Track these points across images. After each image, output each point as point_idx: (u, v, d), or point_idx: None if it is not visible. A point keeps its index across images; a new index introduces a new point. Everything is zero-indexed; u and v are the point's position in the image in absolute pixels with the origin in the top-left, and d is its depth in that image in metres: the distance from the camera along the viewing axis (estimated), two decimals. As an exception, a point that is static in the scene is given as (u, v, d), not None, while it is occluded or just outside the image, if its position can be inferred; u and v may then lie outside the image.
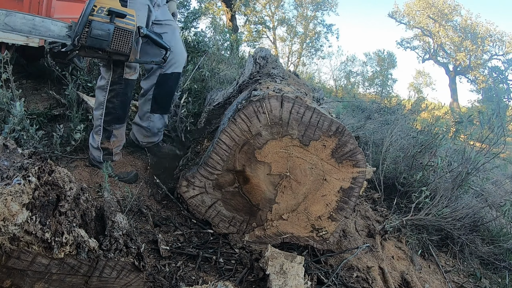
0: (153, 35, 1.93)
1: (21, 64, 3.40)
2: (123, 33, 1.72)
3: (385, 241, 2.28)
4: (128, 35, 1.73)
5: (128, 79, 2.01)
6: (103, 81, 2.00)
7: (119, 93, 2.01)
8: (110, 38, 1.68)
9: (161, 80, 2.31)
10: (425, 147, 3.20)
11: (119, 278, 1.09)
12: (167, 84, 2.34)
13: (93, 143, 2.09)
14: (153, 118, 2.39)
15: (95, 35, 1.66)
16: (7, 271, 0.90)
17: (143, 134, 2.42)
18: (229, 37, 7.21)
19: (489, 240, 2.72)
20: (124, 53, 1.75)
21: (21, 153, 1.06)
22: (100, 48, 1.70)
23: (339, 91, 12.67)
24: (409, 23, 22.87)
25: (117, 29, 1.70)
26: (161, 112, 2.41)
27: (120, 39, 1.72)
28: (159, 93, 2.36)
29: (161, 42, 1.97)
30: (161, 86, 2.34)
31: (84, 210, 1.16)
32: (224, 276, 1.57)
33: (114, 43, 1.70)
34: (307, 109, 1.62)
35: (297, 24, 19.51)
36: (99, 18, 1.66)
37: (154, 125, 2.41)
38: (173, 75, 2.35)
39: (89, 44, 1.66)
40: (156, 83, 2.31)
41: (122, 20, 1.72)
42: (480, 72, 21.28)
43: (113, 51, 1.72)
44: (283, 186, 1.72)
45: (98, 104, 2.04)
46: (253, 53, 2.89)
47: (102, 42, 1.67)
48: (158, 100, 2.36)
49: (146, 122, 2.39)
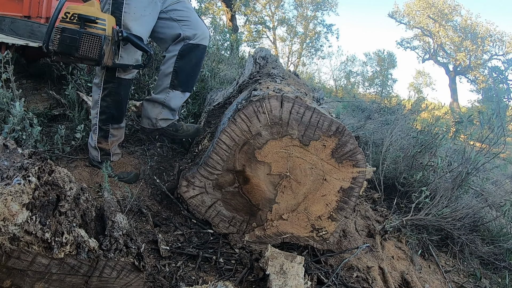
0: (134, 38, 1.90)
1: (21, 64, 3.40)
2: (91, 39, 1.72)
3: (385, 241, 2.28)
4: (96, 40, 1.73)
5: (122, 78, 1.99)
6: (98, 79, 2.00)
7: (111, 92, 1.99)
8: (78, 44, 1.70)
9: (185, 51, 2.10)
10: (425, 147, 3.20)
11: (119, 278, 1.09)
12: (192, 56, 2.13)
13: (91, 142, 2.09)
14: (172, 94, 2.16)
15: (64, 41, 1.69)
16: (7, 271, 0.90)
17: (158, 110, 2.19)
18: (229, 37, 7.22)
19: (489, 240, 2.72)
20: (92, 58, 1.75)
21: (21, 153, 1.06)
22: (69, 54, 1.72)
23: (339, 91, 12.68)
24: (409, 23, 22.88)
25: (85, 35, 1.71)
26: (183, 89, 2.18)
27: (88, 44, 1.73)
28: (182, 67, 2.12)
29: (141, 45, 1.93)
30: (184, 58, 2.11)
31: (84, 210, 1.16)
32: (224, 276, 1.57)
33: (82, 48, 1.72)
34: (307, 109, 1.62)
35: (297, 24, 19.53)
36: (70, 25, 1.70)
37: (172, 99, 2.17)
38: (200, 48, 2.15)
39: (59, 50, 1.70)
40: (178, 54, 2.10)
41: (92, 25, 1.73)
42: (480, 72, 21.29)
43: (82, 56, 1.74)
44: (283, 186, 1.72)
45: (94, 103, 2.04)
46: (253, 53, 2.89)
47: (70, 48, 1.69)
48: (180, 75, 2.13)
49: (163, 95, 2.16)
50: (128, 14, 1.88)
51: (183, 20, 2.11)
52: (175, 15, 2.09)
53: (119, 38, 1.84)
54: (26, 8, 2.79)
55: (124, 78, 2.01)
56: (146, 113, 2.23)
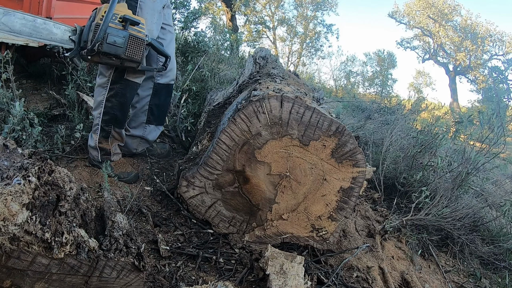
0: (156, 44, 1.95)
1: (21, 64, 3.40)
2: (136, 41, 1.75)
3: (385, 241, 2.28)
4: (140, 42, 1.77)
5: (129, 80, 2.00)
6: (103, 79, 1.99)
7: (118, 93, 1.99)
8: (125, 45, 1.71)
9: (158, 90, 2.29)
10: (425, 147, 3.20)
11: (119, 278, 1.09)
12: (163, 94, 2.33)
13: (91, 143, 2.08)
14: (149, 128, 2.38)
15: (112, 42, 1.68)
16: (7, 271, 0.90)
17: (137, 142, 2.39)
18: (229, 37, 7.22)
19: (489, 240, 2.72)
20: (137, 60, 1.79)
21: (21, 153, 1.06)
22: (115, 55, 1.72)
23: (339, 91, 12.68)
24: (409, 23, 22.88)
25: (131, 37, 1.73)
26: (157, 123, 2.40)
27: (134, 46, 1.75)
28: (156, 104, 2.32)
29: (162, 50, 1.98)
30: (157, 96, 2.31)
31: (84, 210, 1.16)
32: (224, 276, 1.57)
33: (128, 50, 1.73)
34: (307, 109, 1.62)
35: (297, 24, 19.52)
36: (114, 25, 1.69)
37: (149, 133, 2.38)
38: (169, 86, 2.35)
39: (106, 50, 1.68)
40: (152, 93, 2.28)
41: (134, 28, 1.75)
42: (480, 72, 21.29)
43: (127, 58, 1.75)
44: (283, 186, 1.72)
45: (97, 103, 2.03)
46: (253, 53, 2.89)
47: (117, 48, 1.70)
48: (155, 111, 2.33)
49: (141, 131, 2.36)
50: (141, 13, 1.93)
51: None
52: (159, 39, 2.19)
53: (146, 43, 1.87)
54: (26, 7, 2.79)
55: (131, 81, 2.02)
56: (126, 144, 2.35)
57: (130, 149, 2.39)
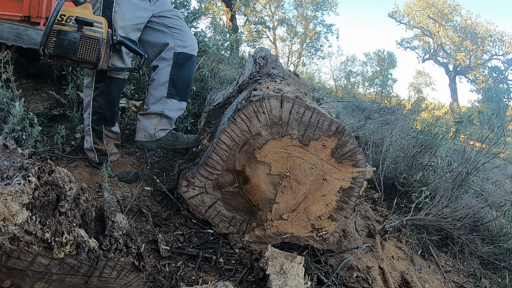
0: (128, 42, 1.89)
1: (21, 64, 3.40)
2: (90, 42, 1.73)
3: (385, 241, 2.28)
4: (95, 43, 1.73)
5: (113, 77, 1.98)
6: (88, 79, 1.98)
7: (103, 91, 1.98)
8: (76, 47, 1.70)
9: (180, 59, 2.03)
10: (425, 147, 3.20)
11: (119, 278, 1.09)
12: (188, 65, 2.07)
13: (87, 145, 2.08)
14: (170, 103, 2.06)
15: (61, 44, 1.68)
16: (7, 271, 0.90)
17: (156, 121, 2.07)
18: (229, 37, 7.22)
19: (489, 240, 2.72)
20: (90, 61, 1.75)
21: (21, 153, 1.06)
22: (66, 57, 1.71)
23: (339, 91, 12.68)
24: (409, 23, 22.89)
25: (83, 38, 1.71)
26: (180, 98, 2.09)
27: (87, 47, 1.73)
28: (179, 75, 2.03)
29: (136, 49, 1.93)
30: (180, 67, 2.04)
31: (84, 210, 1.16)
32: (224, 276, 1.57)
33: (80, 51, 1.71)
34: (307, 109, 1.62)
35: (297, 24, 19.53)
36: (67, 27, 1.69)
37: (170, 109, 2.06)
38: (192, 59, 2.10)
39: (56, 53, 1.69)
40: (173, 63, 2.02)
41: (89, 28, 1.73)
42: (480, 72, 21.30)
43: (79, 59, 1.74)
44: (283, 186, 1.72)
45: (86, 104, 2.02)
46: (253, 53, 2.89)
47: (68, 51, 1.69)
48: (177, 83, 2.05)
49: (160, 105, 2.05)
50: (118, 14, 1.88)
51: (176, 28, 2.06)
52: (168, 22, 2.06)
53: (114, 41, 1.84)
54: (26, 8, 2.78)
55: (115, 77, 2.00)
56: (142, 126, 2.09)
57: (149, 132, 2.07)
